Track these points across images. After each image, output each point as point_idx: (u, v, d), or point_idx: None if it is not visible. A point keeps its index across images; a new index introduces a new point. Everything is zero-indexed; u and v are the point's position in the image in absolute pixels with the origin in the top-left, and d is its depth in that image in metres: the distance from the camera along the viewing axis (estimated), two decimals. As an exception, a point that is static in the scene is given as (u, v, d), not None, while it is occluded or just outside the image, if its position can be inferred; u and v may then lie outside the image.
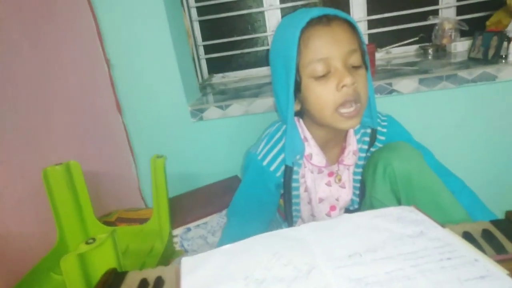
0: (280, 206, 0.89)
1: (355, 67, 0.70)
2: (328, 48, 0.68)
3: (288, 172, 0.79)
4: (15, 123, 0.79)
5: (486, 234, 0.49)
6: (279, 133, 0.81)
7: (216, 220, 1.00)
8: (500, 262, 0.41)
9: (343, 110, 0.69)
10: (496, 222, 0.52)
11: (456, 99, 1.13)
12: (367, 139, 0.83)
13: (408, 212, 0.53)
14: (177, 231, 0.98)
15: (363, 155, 0.84)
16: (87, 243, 0.57)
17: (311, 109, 0.73)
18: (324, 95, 0.69)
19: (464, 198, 0.75)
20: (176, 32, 1.19)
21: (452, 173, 0.84)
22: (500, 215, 0.57)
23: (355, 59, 0.70)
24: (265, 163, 0.80)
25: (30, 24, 0.87)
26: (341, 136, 0.83)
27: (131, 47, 1.15)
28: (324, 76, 0.69)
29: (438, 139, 1.13)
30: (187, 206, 1.08)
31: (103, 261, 0.58)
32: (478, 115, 1.15)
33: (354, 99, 0.69)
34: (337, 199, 0.87)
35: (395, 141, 0.80)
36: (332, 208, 0.87)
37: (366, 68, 0.74)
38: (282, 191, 0.84)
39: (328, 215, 0.87)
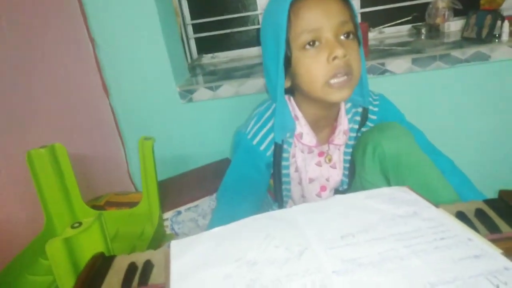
0: (270, 186, 0.88)
1: (347, 40, 0.68)
2: (319, 19, 0.66)
3: (278, 151, 0.78)
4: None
5: (479, 213, 0.49)
6: (269, 112, 0.79)
7: (207, 203, 0.99)
8: (493, 241, 0.40)
9: (334, 81, 0.67)
10: (489, 202, 0.51)
11: (449, 79, 1.12)
12: (358, 118, 0.82)
13: (401, 193, 0.52)
14: (168, 215, 0.97)
15: (354, 135, 0.82)
16: (73, 227, 0.56)
17: (301, 83, 0.71)
18: (315, 68, 0.67)
19: (453, 178, 0.74)
20: (163, 10, 1.15)
21: (442, 153, 0.83)
22: (490, 196, 0.56)
23: (347, 31, 0.68)
24: (254, 142, 0.79)
25: (8, 1, 0.82)
26: (332, 115, 0.81)
27: (116, 26, 1.11)
28: (315, 48, 0.67)
29: (431, 119, 1.13)
30: (178, 189, 1.06)
31: (90, 245, 0.57)
32: (471, 95, 1.14)
33: (345, 71, 0.67)
34: (327, 180, 0.86)
35: (387, 121, 0.79)
36: (323, 188, 0.87)
37: (359, 43, 0.72)
38: (272, 171, 0.83)
39: (319, 195, 0.87)
